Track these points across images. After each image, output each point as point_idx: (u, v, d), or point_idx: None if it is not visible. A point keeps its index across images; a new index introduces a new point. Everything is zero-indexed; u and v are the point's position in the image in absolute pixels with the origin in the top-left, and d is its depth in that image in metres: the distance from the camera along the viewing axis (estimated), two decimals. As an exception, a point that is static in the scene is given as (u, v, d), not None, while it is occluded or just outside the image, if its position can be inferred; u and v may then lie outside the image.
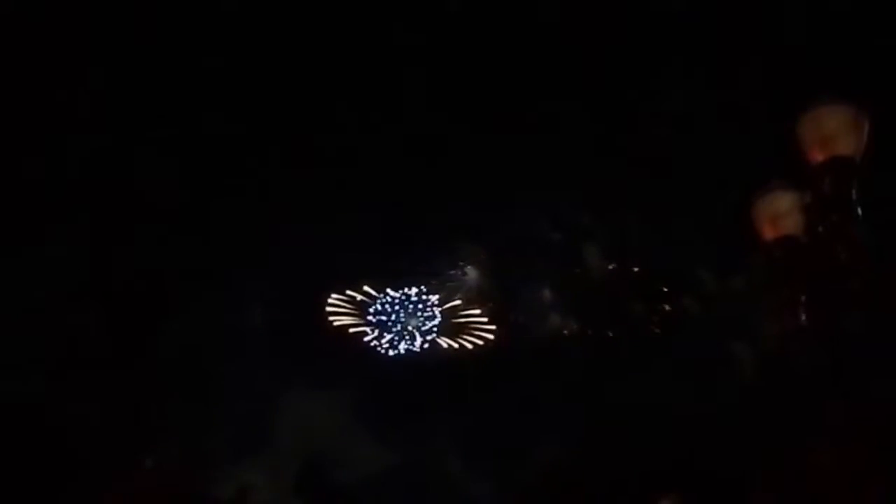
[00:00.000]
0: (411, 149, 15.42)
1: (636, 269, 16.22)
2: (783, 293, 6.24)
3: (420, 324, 19.51)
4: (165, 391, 15.35)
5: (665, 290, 15.91)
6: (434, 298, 19.20)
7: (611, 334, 16.67)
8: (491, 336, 18.82)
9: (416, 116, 14.45)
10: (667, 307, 15.86)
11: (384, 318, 19.40)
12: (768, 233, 6.36)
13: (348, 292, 19.08)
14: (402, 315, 19.54)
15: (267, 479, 15.96)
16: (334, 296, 18.98)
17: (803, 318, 6.14)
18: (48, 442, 12.82)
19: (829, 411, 5.98)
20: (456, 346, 19.18)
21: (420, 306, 19.44)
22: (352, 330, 19.23)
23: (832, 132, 6.09)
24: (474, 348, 18.92)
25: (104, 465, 12.94)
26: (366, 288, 19.13)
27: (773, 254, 6.30)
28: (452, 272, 18.62)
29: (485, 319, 18.89)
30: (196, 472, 15.54)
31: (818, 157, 6.10)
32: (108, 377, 13.98)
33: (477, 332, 19.09)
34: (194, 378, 16.23)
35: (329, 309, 19.03)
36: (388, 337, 19.45)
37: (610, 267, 16.24)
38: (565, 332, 17.22)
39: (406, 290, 19.37)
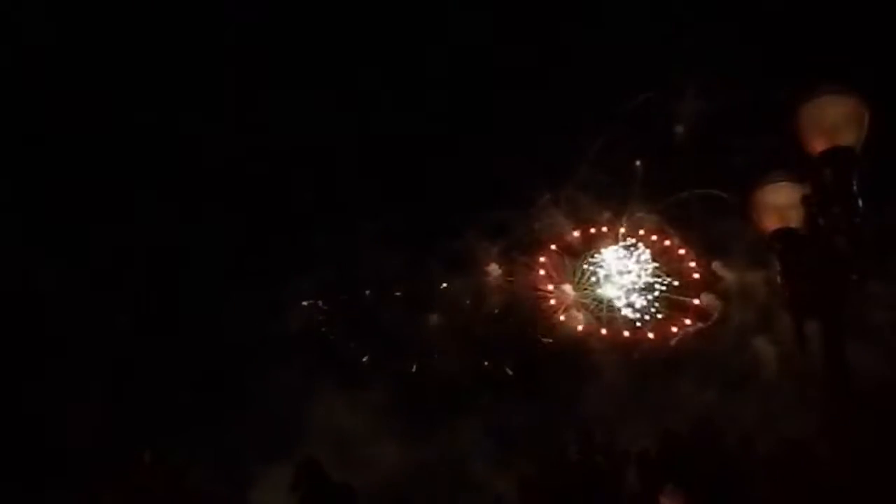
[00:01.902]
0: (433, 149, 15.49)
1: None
2: (785, 286, 6.16)
3: None
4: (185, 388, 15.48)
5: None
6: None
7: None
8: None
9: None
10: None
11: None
12: (769, 225, 6.28)
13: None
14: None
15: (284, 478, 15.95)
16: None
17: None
18: (47, 438, 12.98)
19: (833, 408, 5.87)
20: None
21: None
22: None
23: (833, 122, 5.98)
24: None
25: (102, 461, 13.06)
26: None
27: (773, 246, 6.22)
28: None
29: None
30: (218, 471, 15.60)
31: (819, 147, 5.99)
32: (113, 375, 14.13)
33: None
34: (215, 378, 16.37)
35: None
36: None
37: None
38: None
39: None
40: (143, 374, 15.44)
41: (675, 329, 16.60)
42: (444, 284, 18.79)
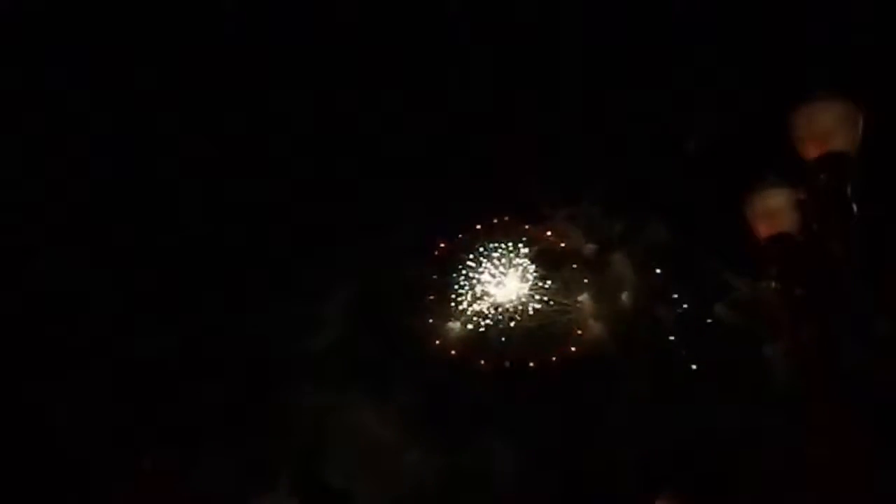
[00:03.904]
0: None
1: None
2: (780, 292, 6.17)
3: None
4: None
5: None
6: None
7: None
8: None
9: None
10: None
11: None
12: (763, 230, 6.29)
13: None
14: None
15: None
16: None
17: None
18: (48, 444, 13.07)
19: (824, 412, 5.86)
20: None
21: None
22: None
23: (827, 127, 5.99)
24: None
25: (103, 468, 13.12)
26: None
27: (767, 252, 6.24)
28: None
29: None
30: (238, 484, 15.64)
31: (813, 152, 6.01)
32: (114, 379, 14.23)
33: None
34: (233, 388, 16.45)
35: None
36: None
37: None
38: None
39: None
40: (163, 382, 15.56)
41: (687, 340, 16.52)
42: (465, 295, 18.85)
